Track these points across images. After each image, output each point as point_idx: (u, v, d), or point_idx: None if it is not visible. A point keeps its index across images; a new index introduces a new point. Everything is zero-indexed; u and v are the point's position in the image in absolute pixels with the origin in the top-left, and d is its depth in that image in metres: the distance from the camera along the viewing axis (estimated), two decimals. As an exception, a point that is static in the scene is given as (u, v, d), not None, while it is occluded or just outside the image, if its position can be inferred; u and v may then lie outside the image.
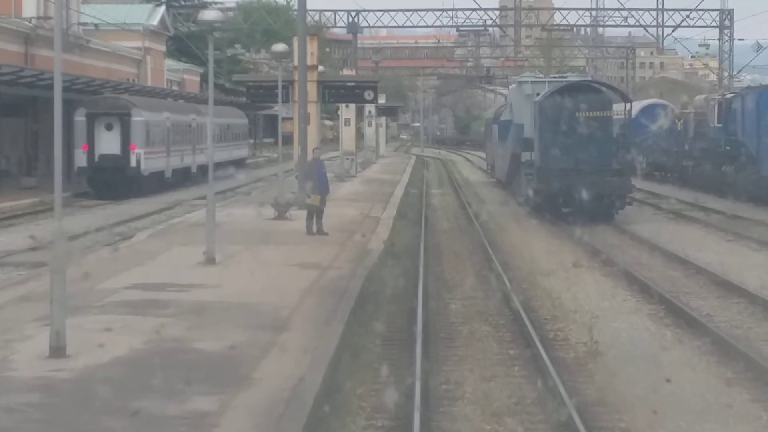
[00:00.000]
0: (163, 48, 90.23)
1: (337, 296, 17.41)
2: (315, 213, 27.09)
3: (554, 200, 34.83)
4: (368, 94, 37.92)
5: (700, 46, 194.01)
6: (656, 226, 33.70)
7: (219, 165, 64.31)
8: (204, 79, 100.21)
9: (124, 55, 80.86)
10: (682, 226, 34.61)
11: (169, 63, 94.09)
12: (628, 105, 36.33)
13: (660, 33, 68.11)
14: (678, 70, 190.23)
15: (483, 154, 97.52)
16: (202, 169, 58.97)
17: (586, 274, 23.62)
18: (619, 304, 19.70)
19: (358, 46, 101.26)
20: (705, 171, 47.39)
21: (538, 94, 38.71)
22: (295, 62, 35.68)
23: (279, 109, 34.35)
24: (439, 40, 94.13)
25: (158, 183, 49.68)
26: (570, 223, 33.14)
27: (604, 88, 37.18)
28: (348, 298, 17.33)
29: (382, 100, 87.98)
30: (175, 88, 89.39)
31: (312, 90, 36.87)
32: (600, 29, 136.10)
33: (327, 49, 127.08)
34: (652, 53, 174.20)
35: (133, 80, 79.31)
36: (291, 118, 37.10)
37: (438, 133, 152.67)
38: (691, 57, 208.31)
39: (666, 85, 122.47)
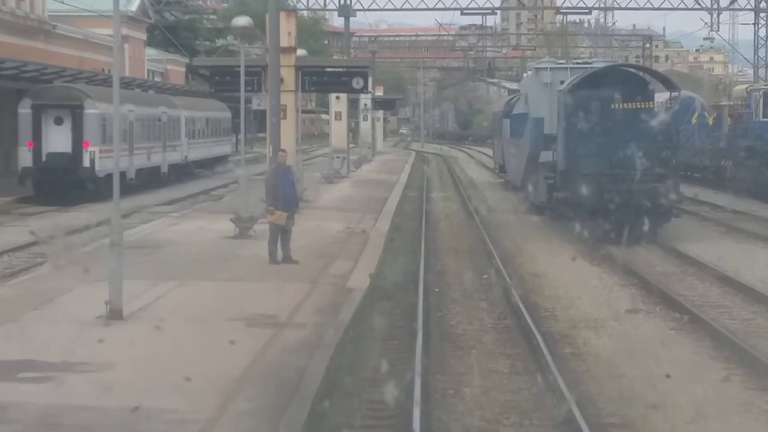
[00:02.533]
0: (143, 36, 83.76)
1: (288, 391, 10.95)
2: (280, 234, 20.61)
3: (582, 211, 28.27)
4: (357, 82, 31.37)
5: (704, 39, 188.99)
6: (710, 245, 27.15)
7: (197, 163, 58.27)
8: (190, 70, 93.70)
9: (98, 43, 74.29)
10: (743, 243, 28.02)
11: (152, 53, 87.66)
12: (675, 94, 29.52)
13: (716, 17, 61.59)
14: (684, 63, 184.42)
15: (486, 150, 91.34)
16: (176, 169, 52.65)
17: (648, 327, 17.07)
18: (716, 388, 13.13)
19: (356, 38, 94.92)
20: (749, 172, 40.85)
21: (562, 82, 32.22)
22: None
23: (242, 99, 27.75)
24: (441, 25, 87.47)
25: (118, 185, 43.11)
26: (601, 241, 26.77)
27: (643, 74, 30.59)
28: (303, 396, 10.85)
29: (379, 93, 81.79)
30: (157, 79, 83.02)
31: (289, 77, 30.54)
32: (609, 22, 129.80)
33: (326, 42, 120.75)
34: (657, 46, 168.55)
35: (109, 70, 72.85)
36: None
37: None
38: (696, 51, 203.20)
39: (673, 78, 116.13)
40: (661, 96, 31.63)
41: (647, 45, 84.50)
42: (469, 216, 35.72)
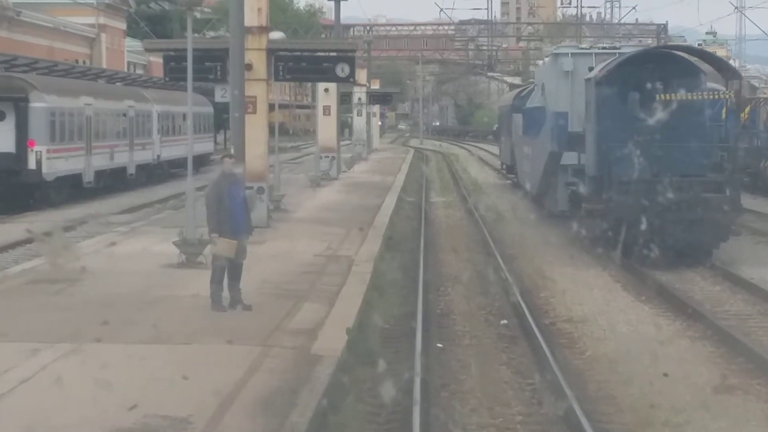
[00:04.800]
0: (123, 26, 78.31)
1: None
2: (227, 270, 15.07)
3: (617, 227, 22.78)
4: (341, 69, 25.94)
5: (707, 33, 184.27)
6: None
7: (172, 163, 52.58)
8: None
9: (71, 32, 68.88)
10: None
11: (134, 44, 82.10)
12: (735, 83, 23.90)
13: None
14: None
15: (488, 147, 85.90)
16: (145, 170, 47.13)
17: (755, 421, 11.54)
18: None
19: (353, 33, 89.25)
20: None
21: (590, 69, 26.70)
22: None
23: (189, 87, 22.13)
24: (441, 10, 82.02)
25: (73, 190, 37.72)
26: (644, 265, 21.38)
27: (693, 59, 25.11)
28: None
29: (376, 86, 76.32)
30: (139, 71, 77.60)
31: (259, 62, 25.16)
32: (617, 13, 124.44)
33: (323, 36, 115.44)
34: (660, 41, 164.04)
35: (84, 62, 67.43)
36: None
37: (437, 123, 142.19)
38: (698, 45, 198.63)
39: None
40: (712, 85, 26.10)
41: (662, 36, 78.81)
42: (476, 227, 30.26)
